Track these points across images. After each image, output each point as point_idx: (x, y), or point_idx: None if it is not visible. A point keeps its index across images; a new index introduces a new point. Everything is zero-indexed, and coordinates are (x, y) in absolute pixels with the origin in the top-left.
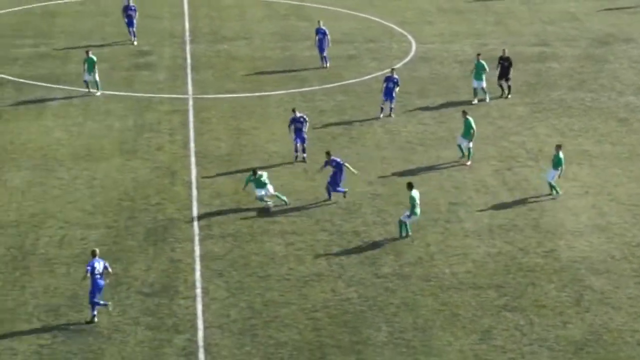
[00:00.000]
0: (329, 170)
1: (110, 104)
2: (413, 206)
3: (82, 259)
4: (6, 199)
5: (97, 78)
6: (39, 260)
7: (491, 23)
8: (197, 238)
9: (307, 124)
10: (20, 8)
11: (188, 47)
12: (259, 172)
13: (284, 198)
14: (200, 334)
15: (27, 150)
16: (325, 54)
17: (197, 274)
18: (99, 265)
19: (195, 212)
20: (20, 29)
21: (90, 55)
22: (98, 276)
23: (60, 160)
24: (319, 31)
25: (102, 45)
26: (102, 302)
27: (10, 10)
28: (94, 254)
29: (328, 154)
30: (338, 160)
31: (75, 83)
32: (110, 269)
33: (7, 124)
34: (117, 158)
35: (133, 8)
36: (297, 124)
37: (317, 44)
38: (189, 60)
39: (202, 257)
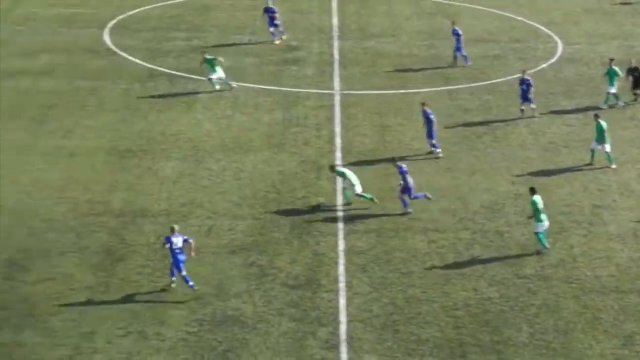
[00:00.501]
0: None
1: (259, 98)
2: (536, 210)
3: (229, 249)
4: (157, 188)
5: (216, 76)
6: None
7: (639, 25)
8: (341, 233)
9: (434, 122)
10: (175, 1)
11: (336, 43)
12: (338, 168)
13: (367, 195)
14: (343, 327)
15: (178, 141)
16: (459, 53)
17: (341, 268)
18: (177, 240)
19: (339, 207)
20: (175, 23)
21: (206, 55)
22: (177, 251)
23: (209, 151)
24: (453, 31)
25: (251, 41)
26: (189, 282)
27: (165, 3)
28: (172, 230)
29: (393, 159)
30: (403, 167)
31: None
32: (191, 240)
33: (159, 115)
34: (265, 151)
35: (272, 10)
36: (424, 119)
37: (455, 43)
38: (336, 56)
39: (346, 252)
